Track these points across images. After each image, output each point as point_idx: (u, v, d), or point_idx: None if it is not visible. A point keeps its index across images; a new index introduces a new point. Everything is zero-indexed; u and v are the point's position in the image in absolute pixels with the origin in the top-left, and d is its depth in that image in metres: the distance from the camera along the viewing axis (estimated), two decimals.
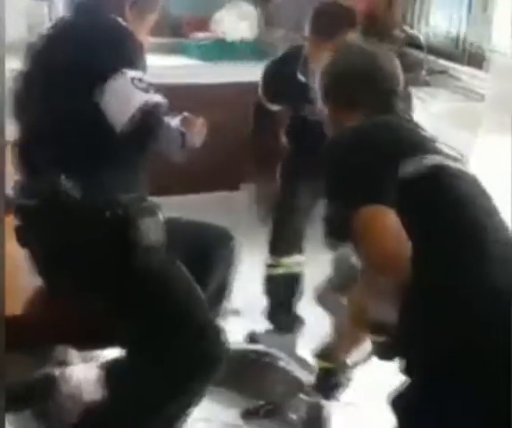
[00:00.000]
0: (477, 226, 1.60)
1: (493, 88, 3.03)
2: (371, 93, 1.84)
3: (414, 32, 4.04)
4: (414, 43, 3.96)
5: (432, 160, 1.65)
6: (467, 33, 3.68)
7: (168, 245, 1.94)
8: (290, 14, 4.11)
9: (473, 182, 1.70)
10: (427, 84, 3.23)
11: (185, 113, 2.25)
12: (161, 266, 1.93)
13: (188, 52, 4.12)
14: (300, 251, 2.91)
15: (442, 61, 3.78)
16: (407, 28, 4.08)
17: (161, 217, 1.94)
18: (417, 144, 1.71)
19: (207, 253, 2.29)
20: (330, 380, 2.15)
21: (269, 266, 2.89)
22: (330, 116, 1.91)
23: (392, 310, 1.52)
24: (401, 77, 1.90)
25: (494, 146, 2.56)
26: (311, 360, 2.29)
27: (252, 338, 2.86)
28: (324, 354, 2.14)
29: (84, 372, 2.14)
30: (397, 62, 1.91)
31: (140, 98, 1.87)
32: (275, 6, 4.34)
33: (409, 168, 1.60)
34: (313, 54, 2.60)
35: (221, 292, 2.39)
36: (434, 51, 3.88)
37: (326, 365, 2.14)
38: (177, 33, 4.19)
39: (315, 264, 2.51)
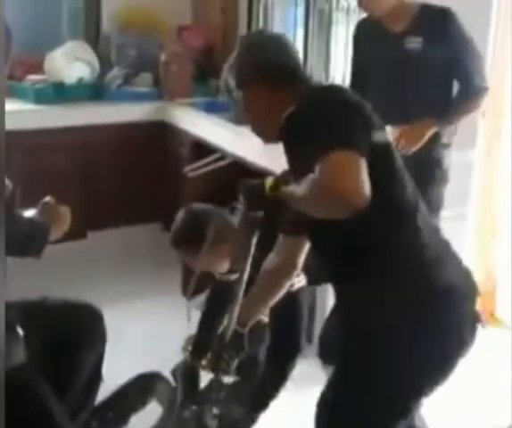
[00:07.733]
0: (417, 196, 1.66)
1: None
2: (292, 70, 1.74)
3: None
4: None
5: (385, 133, 1.64)
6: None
7: (30, 340, 1.69)
8: (126, 53, 4.06)
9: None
10: None
11: (47, 199, 1.95)
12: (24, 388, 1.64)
13: (23, 95, 3.88)
14: None
15: None
16: None
17: (20, 331, 1.68)
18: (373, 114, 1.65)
19: (76, 344, 2.03)
20: None
21: None
22: (250, 108, 1.75)
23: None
24: None
25: None
26: None
27: None
28: None
29: None
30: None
31: None
32: (111, 45, 4.20)
33: (380, 137, 1.58)
34: None
35: (94, 379, 2.14)
36: None
37: None
38: (10, 75, 3.94)
39: None
